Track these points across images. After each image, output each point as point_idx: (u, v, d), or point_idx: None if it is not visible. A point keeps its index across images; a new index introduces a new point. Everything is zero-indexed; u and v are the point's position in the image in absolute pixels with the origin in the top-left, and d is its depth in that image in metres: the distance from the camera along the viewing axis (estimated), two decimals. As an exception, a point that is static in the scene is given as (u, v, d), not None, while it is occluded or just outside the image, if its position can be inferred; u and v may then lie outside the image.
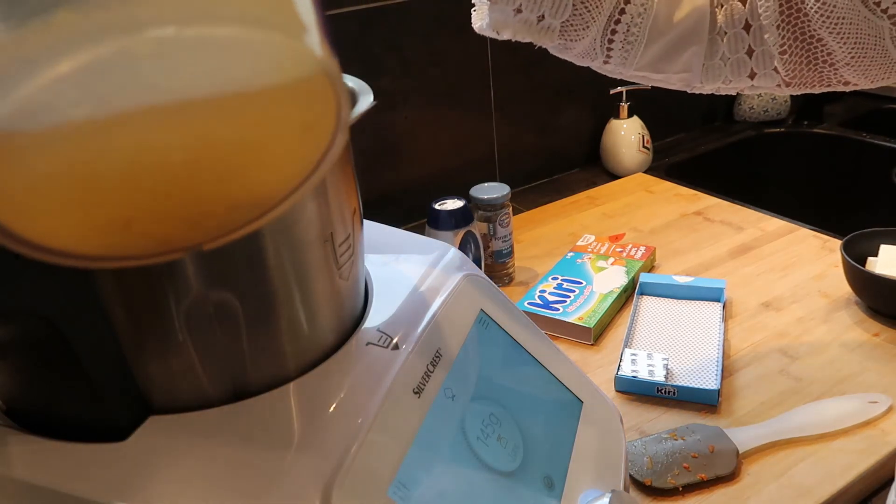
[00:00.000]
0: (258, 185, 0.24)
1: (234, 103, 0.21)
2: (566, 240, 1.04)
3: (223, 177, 0.23)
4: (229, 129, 0.22)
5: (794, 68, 0.48)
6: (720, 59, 0.50)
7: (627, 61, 0.51)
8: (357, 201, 0.40)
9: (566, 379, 0.49)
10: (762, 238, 1.00)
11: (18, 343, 0.33)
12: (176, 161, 0.21)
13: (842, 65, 0.46)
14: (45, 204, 0.20)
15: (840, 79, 0.48)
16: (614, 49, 0.50)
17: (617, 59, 0.51)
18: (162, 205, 0.22)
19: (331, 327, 0.39)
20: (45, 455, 0.33)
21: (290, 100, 0.22)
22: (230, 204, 0.24)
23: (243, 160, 0.23)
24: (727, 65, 0.50)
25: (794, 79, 0.49)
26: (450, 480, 0.37)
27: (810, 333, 0.79)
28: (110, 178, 0.20)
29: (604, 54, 0.51)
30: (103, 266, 0.23)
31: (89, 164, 0.20)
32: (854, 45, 0.45)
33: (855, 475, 0.60)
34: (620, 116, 1.25)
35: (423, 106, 1.09)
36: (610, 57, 0.51)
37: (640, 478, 0.60)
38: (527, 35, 0.50)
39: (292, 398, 0.36)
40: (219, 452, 0.33)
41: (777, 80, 0.49)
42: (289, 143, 0.23)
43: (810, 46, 0.47)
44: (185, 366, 0.34)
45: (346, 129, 0.24)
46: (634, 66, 0.51)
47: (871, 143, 1.33)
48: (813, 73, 0.48)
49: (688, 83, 0.53)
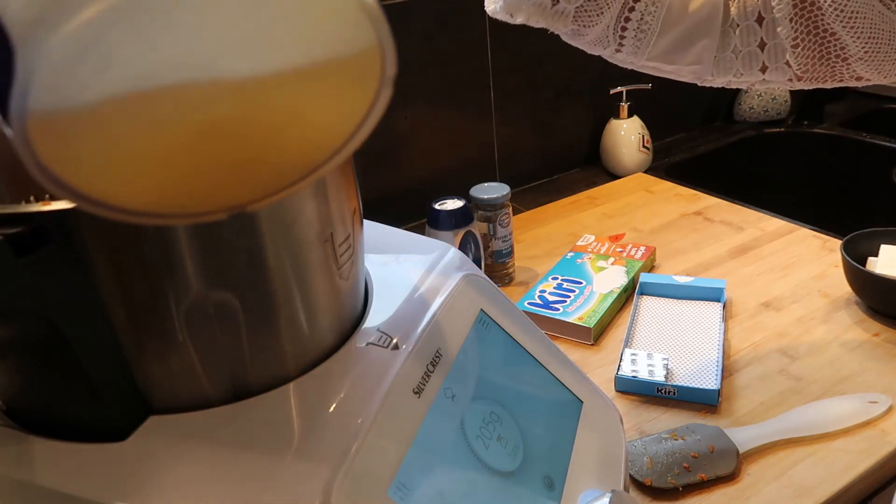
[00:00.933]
0: (304, 144, 0.24)
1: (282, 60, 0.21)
2: (566, 240, 1.04)
3: (270, 137, 0.23)
4: (275, 89, 0.22)
5: (807, 62, 0.48)
6: (732, 52, 0.50)
7: (640, 50, 0.51)
8: (357, 201, 0.40)
9: (566, 379, 0.49)
10: (762, 238, 1.00)
11: (18, 343, 0.33)
12: (226, 120, 0.22)
13: (855, 59, 0.46)
14: (116, 168, 0.21)
15: (853, 74, 0.48)
16: (627, 37, 0.50)
17: (629, 48, 0.51)
18: (213, 163, 0.22)
19: (331, 327, 0.39)
20: (45, 455, 0.33)
21: (335, 52, 0.22)
22: (276, 164, 0.24)
23: (289, 118, 0.23)
24: (739, 58, 0.50)
25: (807, 73, 0.49)
26: (450, 480, 0.37)
27: (810, 333, 0.79)
28: (171, 143, 0.21)
29: (616, 42, 0.51)
30: (153, 222, 0.23)
31: (153, 131, 0.21)
32: (868, 39, 0.44)
33: (855, 475, 0.60)
34: (620, 116, 1.25)
35: (423, 106, 1.09)
36: (622, 45, 0.51)
37: (640, 478, 0.60)
38: (540, 19, 0.49)
39: (292, 398, 0.36)
40: (219, 452, 0.33)
41: (789, 74, 0.49)
42: (334, 98, 0.23)
43: (823, 41, 0.46)
44: (185, 366, 0.34)
45: (391, 83, 0.24)
46: (646, 55, 0.51)
47: (871, 143, 1.33)
48: (825, 67, 0.48)
49: (698, 76, 0.52)
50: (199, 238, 0.31)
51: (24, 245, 0.27)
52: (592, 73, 1.25)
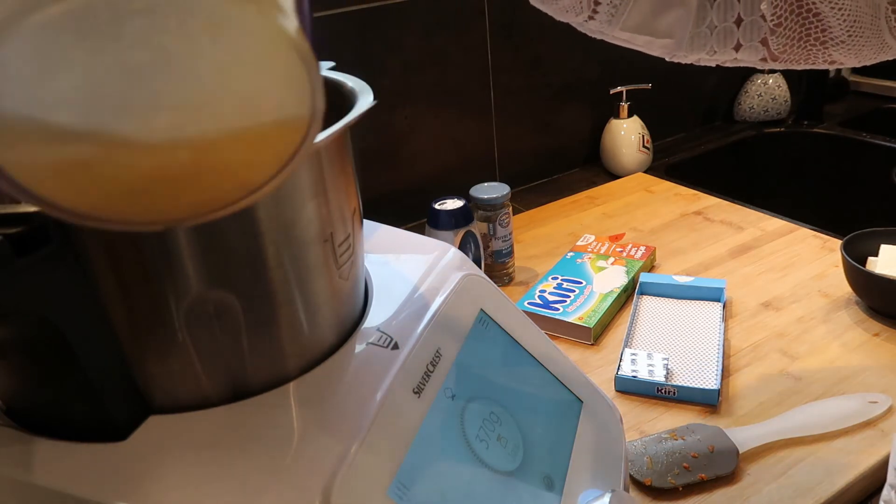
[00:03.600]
0: (232, 172, 0.24)
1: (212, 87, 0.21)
2: (566, 240, 1.04)
3: (201, 167, 0.23)
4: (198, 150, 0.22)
5: (786, 42, 0.47)
6: (707, 27, 0.48)
7: (614, 18, 0.49)
8: (357, 201, 0.40)
9: (566, 379, 0.49)
10: (762, 238, 1.00)
11: (18, 343, 0.33)
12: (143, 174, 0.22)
13: (835, 42, 0.45)
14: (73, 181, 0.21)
15: (827, 58, 0.47)
16: (602, 3, 0.48)
17: (603, 16, 0.49)
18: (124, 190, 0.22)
19: (331, 327, 0.39)
20: (45, 455, 0.33)
21: (274, 116, 0.22)
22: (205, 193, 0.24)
23: (218, 151, 0.23)
24: (714, 34, 0.48)
25: (783, 54, 0.48)
26: (450, 480, 0.37)
27: (810, 333, 0.79)
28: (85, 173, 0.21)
29: (590, 9, 0.49)
30: (95, 225, 0.23)
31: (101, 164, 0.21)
32: (853, 23, 0.44)
33: (855, 475, 0.60)
34: (620, 116, 1.25)
35: (423, 106, 1.09)
36: (596, 13, 0.49)
37: (640, 478, 0.60)
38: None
39: (292, 398, 0.36)
40: (219, 452, 0.33)
41: (762, 53, 0.48)
42: (260, 129, 0.23)
43: (805, 21, 0.46)
44: (185, 366, 0.34)
45: (320, 120, 0.24)
46: (620, 24, 0.49)
47: (871, 143, 1.33)
48: (802, 49, 0.47)
49: (670, 51, 0.50)
50: (199, 238, 0.31)
51: (24, 245, 0.27)
52: (592, 73, 1.25)
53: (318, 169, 0.35)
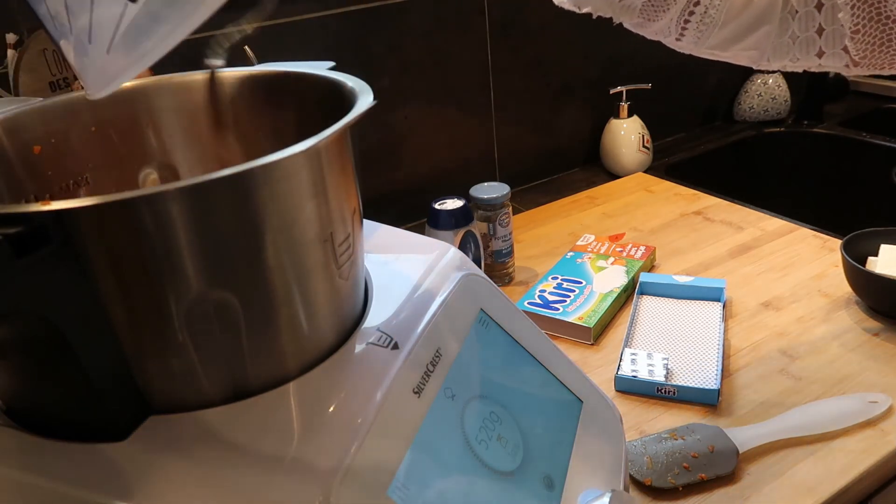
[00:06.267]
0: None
1: None
2: (566, 240, 1.04)
3: None
4: None
5: (866, 48, 0.49)
6: (789, 38, 0.51)
7: (700, 41, 0.53)
8: (357, 201, 0.40)
9: (566, 379, 0.49)
10: (762, 238, 1.00)
11: (18, 343, 0.33)
12: None
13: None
14: None
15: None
16: (689, 29, 0.52)
17: (690, 38, 0.53)
18: None
19: (330, 327, 0.39)
20: (45, 455, 0.33)
21: None
22: None
23: None
24: (796, 43, 0.51)
25: (865, 59, 0.50)
26: (450, 480, 0.37)
27: (810, 333, 0.79)
28: None
29: (677, 32, 0.53)
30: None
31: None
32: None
33: (855, 475, 0.60)
34: (620, 116, 1.25)
35: (423, 106, 1.09)
36: (683, 36, 0.53)
37: (640, 478, 0.60)
38: (608, 11, 0.52)
39: (292, 398, 0.36)
40: (219, 452, 0.33)
41: (845, 59, 0.50)
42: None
43: (885, 27, 0.47)
44: (185, 366, 0.34)
45: None
46: (706, 45, 0.53)
47: (871, 143, 1.33)
48: (885, 54, 0.49)
49: (754, 60, 0.54)
50: (199, 238, 0.31)
51: (24, 245, 0.27)
52: (592, 73, 1.25)
53: (318, 169, 0.35)
